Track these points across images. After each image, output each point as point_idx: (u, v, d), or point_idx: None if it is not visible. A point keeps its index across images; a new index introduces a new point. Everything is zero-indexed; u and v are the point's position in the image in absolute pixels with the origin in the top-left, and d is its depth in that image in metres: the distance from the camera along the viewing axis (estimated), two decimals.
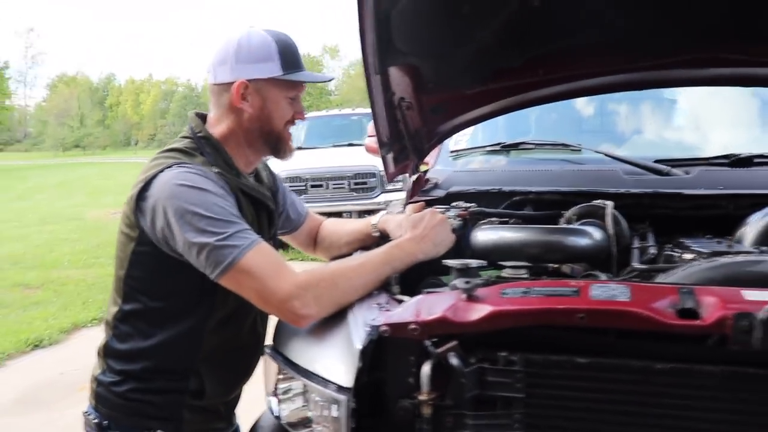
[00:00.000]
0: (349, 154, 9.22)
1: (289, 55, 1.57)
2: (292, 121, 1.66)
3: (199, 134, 1.61)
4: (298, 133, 10.95)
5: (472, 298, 1.30)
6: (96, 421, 1.59)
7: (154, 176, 1.48)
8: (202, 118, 1.67)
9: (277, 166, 7.55)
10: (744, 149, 2.31)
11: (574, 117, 3.02)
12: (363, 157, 6.53)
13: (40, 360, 4.87)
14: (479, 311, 1.26)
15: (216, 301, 1.55)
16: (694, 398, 1.18)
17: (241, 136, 1.62)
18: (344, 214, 8.34)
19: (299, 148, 10.38)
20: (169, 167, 1.49)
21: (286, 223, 1.95)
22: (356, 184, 8.95)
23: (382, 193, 8.86)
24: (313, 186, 8.91)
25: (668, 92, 2.74)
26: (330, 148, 10.09)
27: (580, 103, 2.90)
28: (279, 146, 1.66)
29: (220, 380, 1.62)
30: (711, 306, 1.18)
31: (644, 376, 1.19)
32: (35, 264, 8.51)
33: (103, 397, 1.59)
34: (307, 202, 8.63)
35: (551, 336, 1.30)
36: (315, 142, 10.46)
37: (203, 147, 1.59)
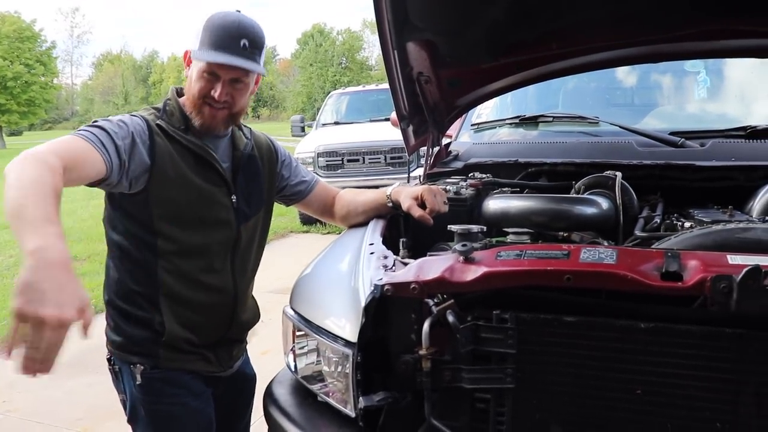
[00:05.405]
0: (386, 129, 9.22)
1: (207, 34, 1.66)
2: (209, 97, 1.69)
3: (168, 100, 1.80)
4: (339, 107, 11.03)
5: (468, 260, 1.38)
6: (108, 357, 1.84)
7: None
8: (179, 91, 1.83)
9: (314, 141, 7.53)
10: (763, 122, 2.32)
11: (598, 90, 3.04)
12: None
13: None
14: (474, 272, 1.33)
15: (153, 230, 1.74)
16: (674, 356, 1.24)
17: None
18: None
19: (336, 123, 10.48)
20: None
21: (294, 191, 2.05)
22: (392, 158, 8.94)
23: (418, 167, 8.83)
24: (349, 160, 8.95)
25: (689, 65, 2.74)
26: (367, 123, 10.11)
27: (604, 76, 2.91)
28: (193, 115, 1.73)
29: (181, 320, 1.75)
30: (693, 269, 1.23)
31: (628, 334, 1.26)
32: (82, 237, 8.84)
33: (107, 336, 1.82)
34: (344, 177, 8.58)
35: (549, 297, 1.37)
36: (353, 117, 10.52)
37: (165, 107, 1.77)
